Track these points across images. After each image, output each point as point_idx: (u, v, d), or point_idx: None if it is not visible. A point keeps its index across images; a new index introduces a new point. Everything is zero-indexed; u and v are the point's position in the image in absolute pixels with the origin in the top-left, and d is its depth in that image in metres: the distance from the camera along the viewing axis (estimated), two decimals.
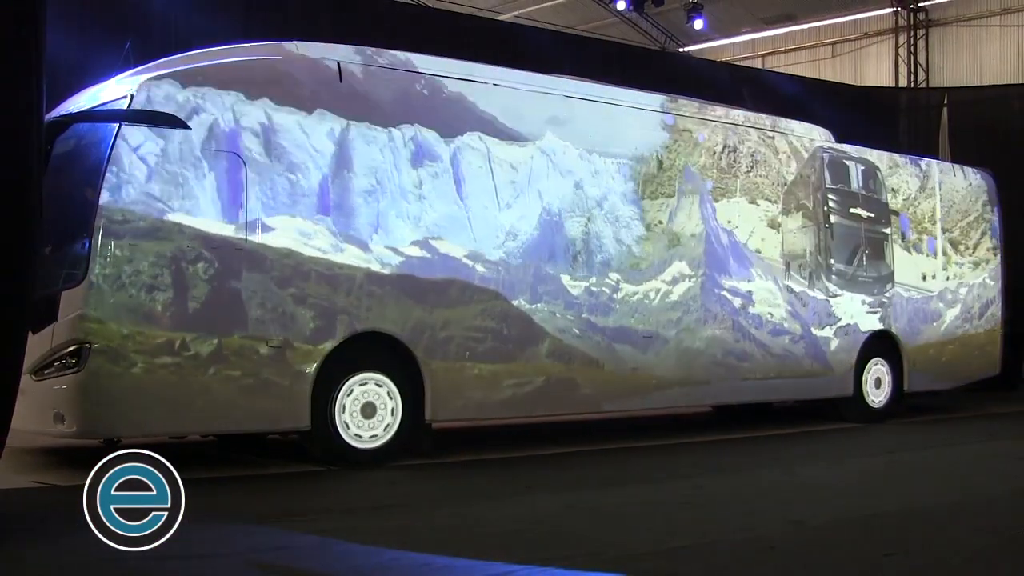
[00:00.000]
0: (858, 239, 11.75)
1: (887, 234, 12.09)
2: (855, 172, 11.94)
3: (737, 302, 10.39)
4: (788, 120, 11.63)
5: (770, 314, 10.67)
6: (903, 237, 12.26)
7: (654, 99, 10.31)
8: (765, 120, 11.31)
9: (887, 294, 11.93)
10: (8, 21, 5.36)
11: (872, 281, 11.82)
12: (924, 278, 12.42)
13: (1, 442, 5.48)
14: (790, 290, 10.93)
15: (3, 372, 5.46)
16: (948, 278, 12.71)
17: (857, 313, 11.56)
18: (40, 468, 7.67)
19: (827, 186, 11.51)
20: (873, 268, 11.86)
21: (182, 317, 7.22)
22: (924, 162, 13.06)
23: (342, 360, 7.83)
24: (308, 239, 7.75)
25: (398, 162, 8.26)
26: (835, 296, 11.37)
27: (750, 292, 10.52)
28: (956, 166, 13.67)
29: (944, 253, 12.71)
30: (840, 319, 11.37)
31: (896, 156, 12.81)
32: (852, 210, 11.74)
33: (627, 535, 5.85)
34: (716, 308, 10.20)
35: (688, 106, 10.56)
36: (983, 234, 13.24)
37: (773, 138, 11.09)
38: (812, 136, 11.60)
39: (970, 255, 13.04)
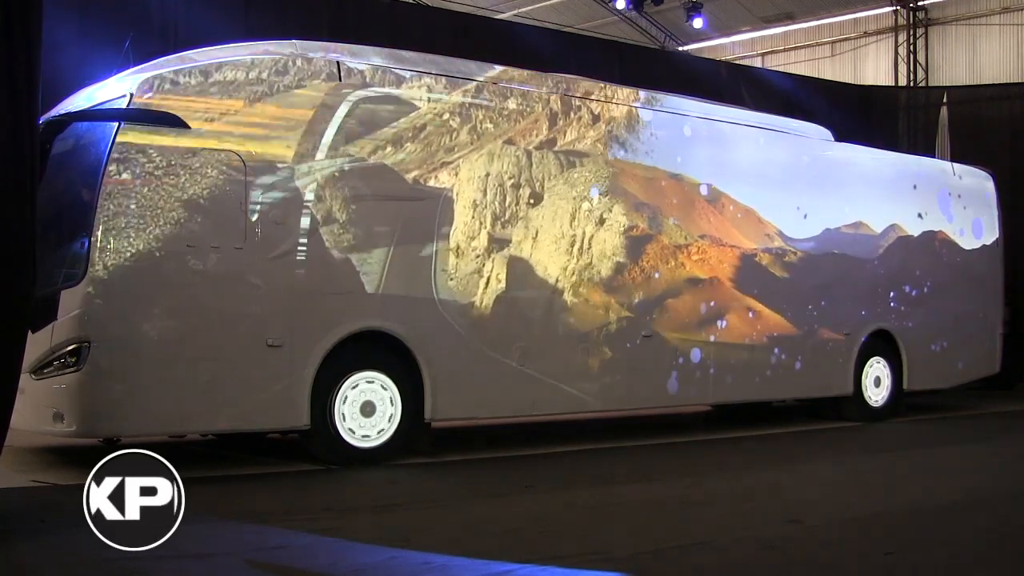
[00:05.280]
0: None
1: None
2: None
3: None
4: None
5: None
6: None
7: None
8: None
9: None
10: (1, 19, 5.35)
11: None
12: None
13: (0, 441, 5.47)
14: None
15: (2, 371, 5.45)
16: None
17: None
18: (40, 467, 7.66)
19: None
20: None
21: (182, 316, 7.22)
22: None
23: (342, 359, 7.83)
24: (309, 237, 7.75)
25: None
26: None
27: None
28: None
29: None
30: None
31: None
32: None
33: (627, 534, 5.85)
34: None
35: None
36: None
37: None
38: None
39: None
